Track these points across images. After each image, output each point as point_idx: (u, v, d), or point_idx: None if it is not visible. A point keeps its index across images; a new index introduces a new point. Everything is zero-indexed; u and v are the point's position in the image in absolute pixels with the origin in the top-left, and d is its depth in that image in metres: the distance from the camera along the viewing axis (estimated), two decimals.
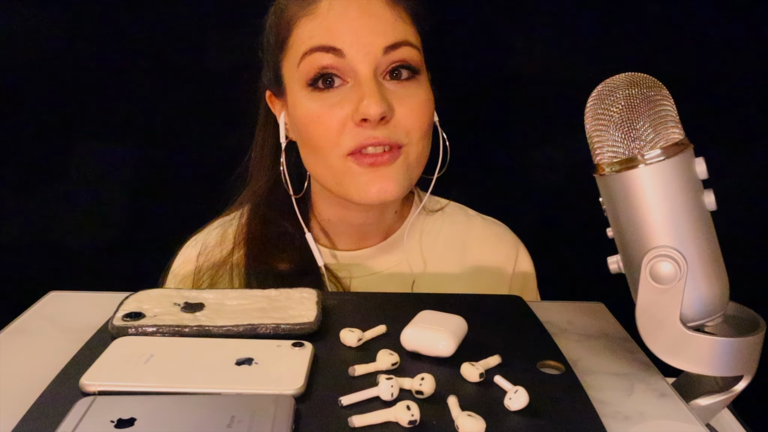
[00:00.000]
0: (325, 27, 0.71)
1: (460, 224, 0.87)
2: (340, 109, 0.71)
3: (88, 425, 0.39)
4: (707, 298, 0.50)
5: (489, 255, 0.85)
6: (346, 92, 0.71)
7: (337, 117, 0.71)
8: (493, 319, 0.57)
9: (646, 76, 0.50)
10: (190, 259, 0.83)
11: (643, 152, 0.48)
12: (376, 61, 0.70)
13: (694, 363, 0.50)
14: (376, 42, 0.70)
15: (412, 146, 0.73)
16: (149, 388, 0.44)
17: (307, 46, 0.71)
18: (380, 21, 0.71)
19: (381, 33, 0.71)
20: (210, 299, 0.57)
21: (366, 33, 0.70)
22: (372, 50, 0.70)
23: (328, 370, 0.48)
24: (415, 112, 0.73)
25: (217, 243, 0.82)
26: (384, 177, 0.71)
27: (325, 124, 0.71)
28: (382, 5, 0.72)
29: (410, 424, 0.41)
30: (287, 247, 0.80)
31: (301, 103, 0.73)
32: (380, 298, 0.65)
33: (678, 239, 0.48)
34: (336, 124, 0.71)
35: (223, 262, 0.81)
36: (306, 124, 0.73)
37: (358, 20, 0.71)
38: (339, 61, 0.70)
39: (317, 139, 0.72)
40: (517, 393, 0.44)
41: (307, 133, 0.73)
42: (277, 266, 0.79)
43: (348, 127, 0.71)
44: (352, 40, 0.70)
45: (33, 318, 0.59)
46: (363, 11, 0.71)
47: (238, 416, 0.40)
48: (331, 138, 0.71)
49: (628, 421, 0.46)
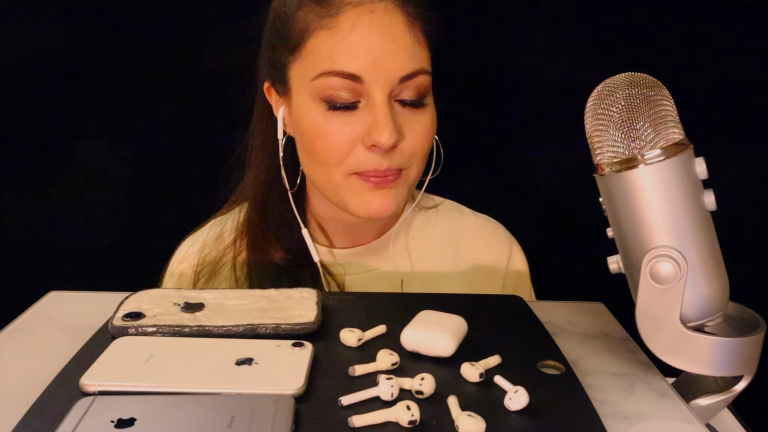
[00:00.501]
0: (347, 49, 0.69)
1: (453, 222, 0.87)
2: (351, 129, 0.70)
3: (88, 425, 0.39)
4: (707, 298, 0.50)
5: (482, 252, 0.86)
6: (358, 113, 0.70)
7: (346, 136, 0.70)
8: (493, 319, 0.57)
9: (646, 76, 0.50)
10: (187, 256, 0.83)
11: (643, 152, 0.48)
12: (391, 87, 0.70)
13: (694, 363, 0.50)
14: (394, 70, 0.70)
15: (413, 168, 0.74)
16: (149, 388, 0.44)
17: (327, 67, 0.69)
18: (400, 47, 0.70)
19: (400, 61, 0.70)
20: (210, 299, 0.57)
21: (386, 60, 0.69)
22: (390, 78, 0.69)
23: (328, 370, 0.48)
24: (420, 138, 0.73)
25: (214, 239, 0.82)
26: (385, 196, 0.72)
27: (333, 141, 0.71)
28: (402, 28, 0.70)
29: (410, 424, 0.41)
30: (286, 239, 0.80)
31: (310, 115, 0.72)
32: (380, 298, 0.65)
33: (678, 239, 0.48)
34: (344, 143, 0.70)
35: (221, 257, 0.81)
36: (312, 137, 0.72)
37: (379, 45, 0.69)
38: (355, 85, 0.69)
39: (323, 154, 0.72)
40: (517, 393, 0.44)
41: (312, 145, 0.73)
42: (276, 258, 0.79)
43: (357, 149, 0.71)
44: (371, 66, 0.69)
45: (33, 318, 0.60)
46: (384, 35, 0.69)
47: (238, 416, 0.40)
48: (337, 156, 0.71)
49: (628, 421, 0.46)
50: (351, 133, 0.70)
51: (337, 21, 0.69)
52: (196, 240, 0.84)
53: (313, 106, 0.71)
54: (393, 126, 0.69)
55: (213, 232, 0.83)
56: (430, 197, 0.88)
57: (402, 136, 0.71)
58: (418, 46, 0.71)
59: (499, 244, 0.87)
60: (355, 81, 0.69)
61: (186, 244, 0.85)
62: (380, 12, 0.70)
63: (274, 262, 0.79)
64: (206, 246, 0.82)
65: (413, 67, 0.71)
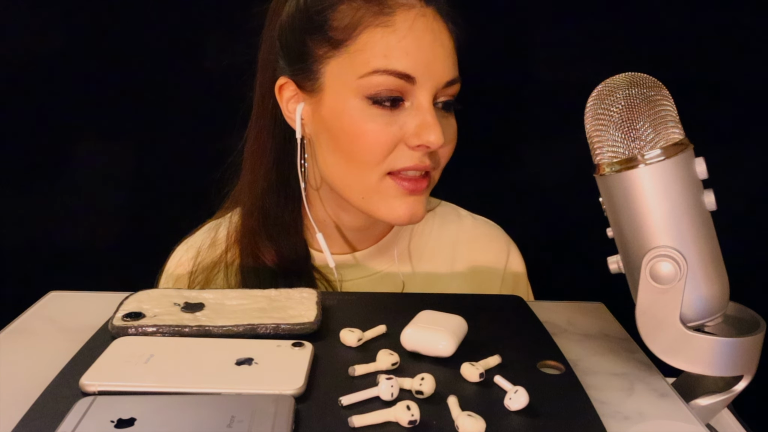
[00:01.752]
0: (404, 50, 0.69)
1: (451, 224, 0.87)
2: (398, 128, 0.70)
3: (88, 425, 0.39)
4: (707, 298, 0.50)
5: (480, 255, 0.85)
6: (404, 113, 0.70)
7: (391, 136, 0.70)
8: (493, 319, 0.57)
9: (646, 76, 0.50)
10: (182, 261, 0.82)
11: (643, 152, 0.48)
12: (436, 91, 0.71)
13: (694, 363, 0.50)
14: (442, 75, 0.71)
15: (437, 172, 0.75)
16: (149, 388, 0.44)
17: (382, 65, 0.69)
18: (447, 52, 0.72)
19: (447, 66, 0.71)
20: (210, 299, 0.57)
21: (437, 64, 0.70)
22: (437, 83, 0.70)
23: (328, 370, 0.48)
24: (452, 142, 0.74)
25: (209, 244, 0.82)
26: (417, 202, 0.73)
27: (378, 140, 0.70)
28: (447, 36, 0.72)
29: (410, 424, 0.41)
30: (283, 245, 0.79)
31: (352, 113, 0.70)
32: (380, 298, 0.65)
33: (678, 239, 0.48)
34: (389, 142, 0.70)
35: (216, 263, 0.80)
36: (354, 135, 0.71)
37: (431, 49, 0.70)
38: (408, 86, 0.70)
39: (363, 153, 0.71)
40: (517, 393, 0.44)
41: (352, 144, 0.71)
42: (272, 264, 0.78)
43: (399, 149, 0.71)
44: (425, 69, 0.69)
45: (33, 318, 0.60)
46: (435, 39, 0.71)
47: (238, 416, 0.40)
48: (378, 155, 0.71)
49: (628, 421, 0.46)
50: (397, 131, 0.70)
51: (393, 20, 0.69)
52: (190, 245, 0.83)
53: (355, 104, 0.70)
54: (440, 128, 0.70)
55: (207, 238, 0.82)
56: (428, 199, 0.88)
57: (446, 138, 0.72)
58: (455, 53, 0.73)
59: (497, 246, 0.87)
60: (408, 81, 0.69)
61: (180, 249, 0.84)
62: (430, 17, 0.71)
63: (270, 268, 0.78)
64: (200, 252, 0.81)
65: (455, 74, 0.72)
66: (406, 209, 0.72)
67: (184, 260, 0.82)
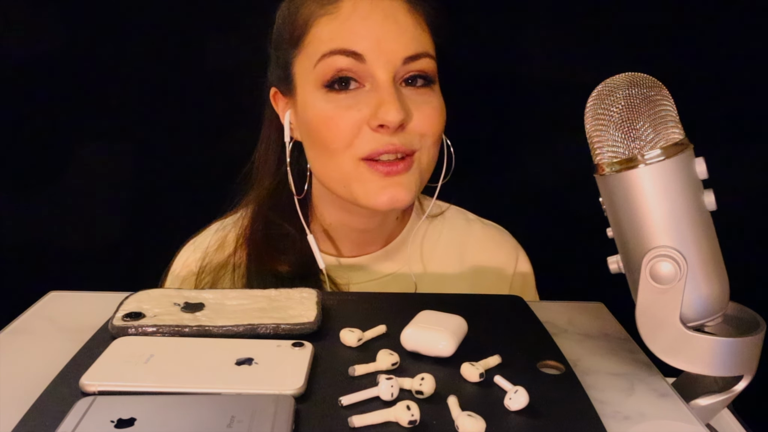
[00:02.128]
0: (347, 29, 0.70)
1: (460, 229, 0.87)
2: (356, 111, 0.70)
3: (88, 425, 0.39)
4: (707, 298, 0.50)
5: (488, 260, 0.85)
6: (363, 95, 0.71)
7: (352, 119, 0.70)
8: (493, 319, 0.57)
9: (646, 76, 0.50)
10: (188, 263, 0.82)
11: (643, 152, 0.48)
12: (395, 69, 0.70)
13: (694, 363, 0.50)
14: (397, 51, 0.70)
15: (424, 152, 0.73)
16: (149, 388, 0.44)
17: (327, 48, 0.70)
18: (402, 29, 0.71)
19: (403, 42, 0.70)
20: (210, 299, 0.57)
21: (389, 40, 0.70)
22: (392, 59, 0.70)
23: (328, 370, 0.48)
24: (430, 117, 0.73)
25: (216, 246, 0.82)
26: (397, 184, 0.71)
27: (339, 126, 0.71)
28: (404, 12, 0.71)
29: (410, 424, 0.41)
30: (288, 250, 0.79)
31: (314, 103, 0.72)
32: (380, 298, 0.65)
33: (678, 239, 0.48)
34: (350, 126, 0.70)
35: (223, 265, 0.80)
36: (318, 124, 0.72)
37: (381, 26, 0.70)
38: (358, 65, 0.70)
39: (330, 140, 0.71)
40: (517, 393, 0.44)
41: (319, 133, 0.72)
42: (278, 268, 0.78)
43: (363, 131, 0.70)
44: (374, 46, 0.69)
45: (33, 318, 0.60)
46: (386, 16, 0.70)
47: (238, 416, 0.40)
48: (344, 140, 0.71)
49: (628, 421, 0.46)
50: (356, 115, 0.70)
51: (337, 7, 0.71)
52: (198, 246, 0.83)
53: (317, 94, 0.72)
54: (398, 103, 0.69)
55: (215, 239, 0.82)
56: (437, 204, 0.87)
57: (409, 115, 0.70)
58: (420, 30, 0.72)
59: (506, 252, 0.87)
60: (357, 59, 0.69)
61: (188, 249, 0.84)
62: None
63: (276, 272, 0.78)
64: (208, 254, 0.81)
65: (417, 49, 0.71)
66: (384, 194, 0.71)
67: (191, 261, 0.82)
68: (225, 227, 0.84)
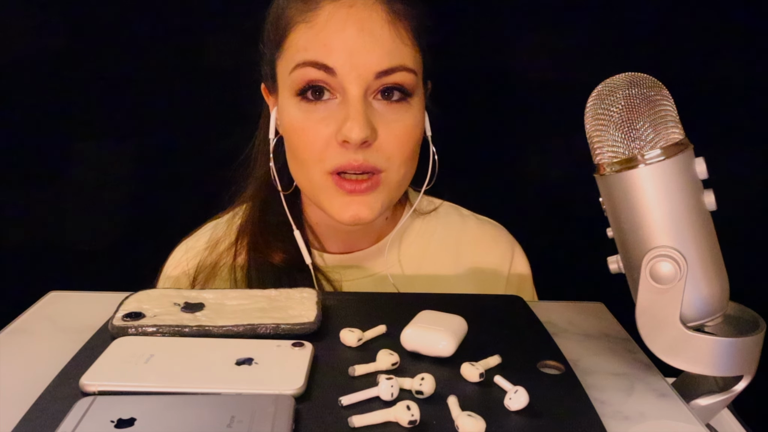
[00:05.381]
0: (321, 41, 0.69)
1: (454, 225, 0.86)
2: (325, 126, 0.70)
3: (88, 425, 0.39)
4: (707, 298, 0.50)
5: (484, 256, 0.84)
6: (334, 108, 0.70)
7: (322, 133, 0.70)
8: (493, 319, 0.57)
9: (646, 76, 0.50)
10: (180, 263, 0.82)
11: (643, 152, 0.48)
12: (366, 83, 0.69)
13: (694, 363, 0.50)
14: (369, 65, 0.69)
15: (392, 172, 0.72)
16: (149, 388, 0.44)
17: (301, 58, 0.70)
18: (377, 42, 0.69)
19: (376, 56, 0.69)
20: (210, 299, 0.57)
21: (361, 54, 0.68)
22: (364, 73, 0.69)
23: (328, 370, 0.48)
24: (399, 138, 0.71)
25: (209, 246, 0.81)
26: (360, 203, 0.71)
27: (309, 137, 0.71)
28: (382, 23, 0.70)
29: (410, 424, 0.41)
30: (284, 240, 0.80)
31: (289, 110, 0.72)
32: (380, 298, 0.65)
33: (678, 239, 0.48)
34: (320, 139, 0.70)
35: (216, 263, 0.80)
36: (291, 133, 0.73)
37: (354, 39, 0.69)
38: (329, 77, 0.69)
39: (301, 150, 0.72)
40: (517, 393, 0.44)
41: (292, 141, 0.73)
42: (275, 259, 0.79)
43: (332, 145, 0.70)
44: (345, 59, 0.68)
45: (33, 318, 0.60)
46: (361, 28, 0.69)
47: (238, 416, 0.40)
48: (314, 152, 0.71)
49: (628, 421, 0.46)
50: (325, 129, 0.70)
51: (315, 15, 0.70)
52: (190, 247, 0.83)
53: (292, 101, 0.72)
54: (363, 121, 0.68)
55: (207, 238, 0.82)
56: (429, 200, 0.87)
57: (374, 133, 0.69)
58: (399, 42, 0.70)
59: (501, 247, 0.86)
60: (327, 72, 0.69)
61: (180, 250, 0.84)
62: (359, 7, 0.70)
63: (274, 264, 0.79)
64: (200, 254, 0.81)
65: (391, 63, 0.69)
66: (347, 210, 0.71)
67: (183, 261, 0.82)
68: (216, 225, 0.84)
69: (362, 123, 0.68)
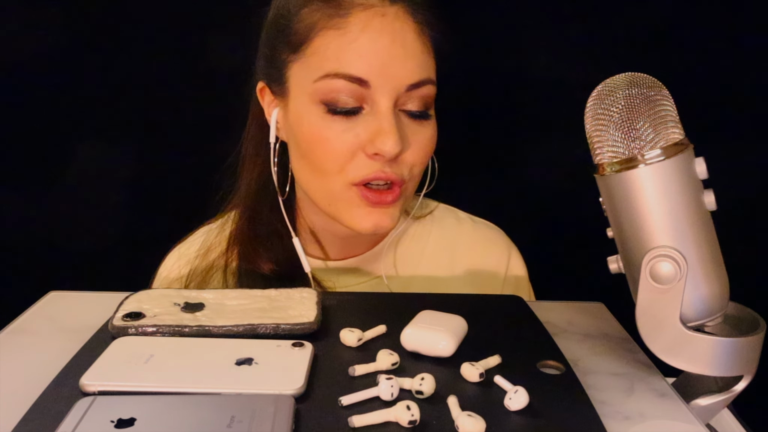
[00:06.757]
0: (356, 52, 0.66)
1: (450, 228, 0.85)
2: (354, 136, 0.68)
3: (88, 425, 0.39)
4: (707, 298, 0.50)
5: (480, 259, 0.84)
6: (362, 119, 0.68)
7: (348, 143, 0.68)
8: (493, 319, 0.57)
9: (646, 76, 0.50)
10: (173, 270, 0.81)
11: (643, 152, 0.48)
12: (398, 95, 0.68)
13: (694, 363, 0.50)
14: (402, 78, 0.67)
15: (412, 181, 0.73)
16: (149, 388, 0.44)
17: (333, 69, 0.67)
18: (409, 53, 0.68)
19: (409, 68, 0.68)
20: (210, 299, 0.57)
21: (395, 66, 0.67)
22: (397, 85, 0.67)
23: (328, 370, 0.48)
24: (423, 150, 0.71)
25: (201, 252, 0.80)
26: (381, 213, 0.70)
27: (335, 149, 0.68)
28: (412, 35, 0.69)
29: (410, 424, 0.41)
30: (275, 250, 0.78)
31: (310, 119, 0.69)
32: (380, 298, 0.65)
33: (678, 239, 0.48)
34: (346, 150, 0.68)
35: (210, 268, 0.79)
36: (311, 143, 0.69)
37: (388, 50, 0.67)
38: (362, 89, 0.67)
39: (322, 161, 0.69)
40: (517, 393, 0.44)
41: (311, 151, 0.70)
42: (265, 269, 0.77)
43: (358, 157, 0.68)
44: (379, 71, 0.66)
45: (33, 318, 0.60)
46: (394, 39, 0.67)
47: (238, 416, 0.40)
48: (337, 163, 0.69)
49: (628, 421, 0.46)
50: (353, 139, 0.68)
51: (346, 22, 0.67)
52: (182, 253, 0.82)
53: (313, 109, 0.69)
54: (398, 134, 0.67)
55: (200, 244, 0.81)
56: (425, 203, 0.86)
57: (407, 145, 0.69)
58: (426, 54, 0.70)
59: (498, 250, 0.85)
60: (361, 85, 0.67)
61: (172, 257, 0.83)
62: (391, 16, 0.68)
63: (264, 274, 0.77)
64: (192, 260, 0.80)
65: (421, 76, 0.69)
66: (370, 220, 0.70)
67: (175, 269, 0.81)
68: (209, 231, 0.83)
69: (397, 136, 0.67)
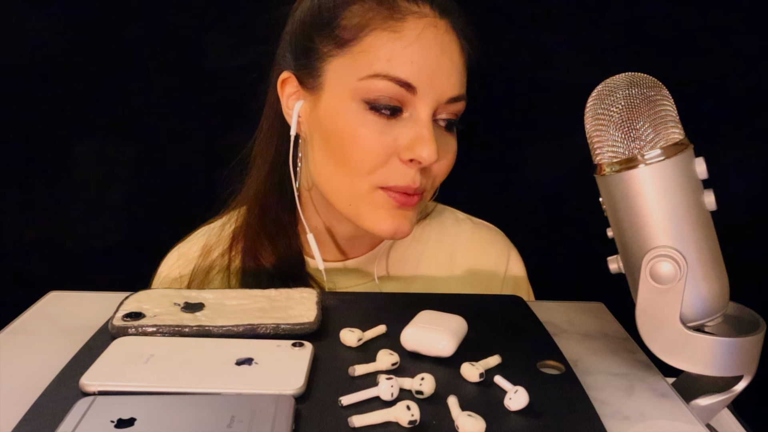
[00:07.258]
0: (408, 56, 0.67)
1: (449, 229, 0.85)
2: (392, 139, 0.67)
3: (88, 425, 0.39)
4: (707, 298, 0.50)
5: (479, 260, 0.84)
6: (400, 124, 0.68)
7: (385, 146, 0.67)
8: (493, 319, 0.57)
9: (646, 76, 0.50)
10: (173, 270, 0.81)
11: (643, 152, 0.48)
12: (438, 105, 0.68)
13: (694, 363, 0.50)
14: (446, 89, 0.68)
15: (430, 191, 0.74)
16: (149, 388, 0.44)
17: (383, 69, 0.67)
18: (455, 67, 0.69)
19: (452, 81, 0.69)
20: (210, 299, 0.57)
21: (441, 77, 0.68)
22: (439, 96, 0.68)
23: (328, 370, 0.48)
24: (448, 163, 0.72)
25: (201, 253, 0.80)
26: (403, 218, 0.70)
27: (370, 148, 0.68)
28: (458, 50, 0.70)
29: (410, 424, 0.41)
30: (281, 247, 0.78)
31: (347, 116, 0.68)
32: (380, 298, 0.65)
33: (678, 239, 0.48)
34: (381, 152, 0.68)
35: (210, 267, 0.79)
36: (344, 139, 0.69)
37: (437, 60, 0.68)
38: (408, 95, 0.67)
39: (354, 160, 0.69)
40: (517, 393, 0.44)
41: (343, 148, 0.69)
42: (269, 265, 0.77)
43: (392, 162, 0.68)
44: (428, 80, 0.67)
45: (33, 318, 0.59)
46: (443, 51, 0.68)
47: (238, 416, 0.40)
48: (369, 164, 0.68)
49: (628, 421, 0.46)
50: (391, 143, 0.68)
51: (402, 26, 0.67)
52: (182, 253, 0.82)
53: (352, 105, 0.68)
54: (436, 143, 0.67)
55: (201, 245, 0.81)
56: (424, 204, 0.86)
57: (442, 155, 0.69)
58: (464, 70, 0.71)
59: (497, 251, 0.85)
60: (408, 90, 0.67)
61: (172, 257, 0.83)
62: (442, 29, 0.69)
63: (267, 271, 0.77)
64: (193, 260, 0.80)
65: (461, 90, 0.70)
66: (392, 223, 0.70)
67: (175, 269, 0.81)
68: (210, 230, 0.82)
69: (434, 145, 0.67)
